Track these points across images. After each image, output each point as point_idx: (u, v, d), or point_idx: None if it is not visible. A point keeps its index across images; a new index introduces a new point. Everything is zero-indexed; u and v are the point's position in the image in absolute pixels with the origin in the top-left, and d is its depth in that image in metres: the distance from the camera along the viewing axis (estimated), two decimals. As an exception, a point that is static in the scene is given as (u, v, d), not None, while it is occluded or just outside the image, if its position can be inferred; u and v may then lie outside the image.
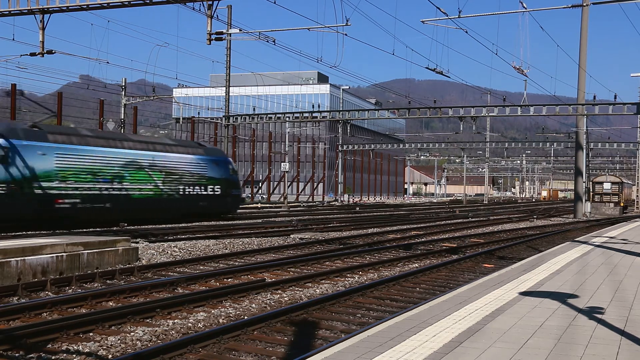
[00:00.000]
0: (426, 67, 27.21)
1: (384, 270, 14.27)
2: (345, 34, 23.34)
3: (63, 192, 23.11)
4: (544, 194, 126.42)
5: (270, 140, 69.26)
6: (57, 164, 22.94)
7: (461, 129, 38.47)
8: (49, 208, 22.63)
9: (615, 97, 37.63)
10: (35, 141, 22.41)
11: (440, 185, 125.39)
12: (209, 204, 30.63)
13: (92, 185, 24.31)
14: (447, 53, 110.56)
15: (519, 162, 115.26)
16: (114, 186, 25.30)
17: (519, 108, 35.13)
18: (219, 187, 31.11)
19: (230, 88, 42.74)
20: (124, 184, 25.80)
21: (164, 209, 28.03)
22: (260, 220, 31.05)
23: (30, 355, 6.87)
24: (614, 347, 5.56)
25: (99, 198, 24.62)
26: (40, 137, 22.77)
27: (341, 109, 60.99)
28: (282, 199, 53.23)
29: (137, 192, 26.49)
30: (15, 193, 21.43)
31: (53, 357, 6.83)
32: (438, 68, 27.19)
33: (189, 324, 8.51)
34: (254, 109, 68.64)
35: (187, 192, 29.09)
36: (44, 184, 22.39)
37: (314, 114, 43.21)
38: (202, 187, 30.04)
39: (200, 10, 18.63)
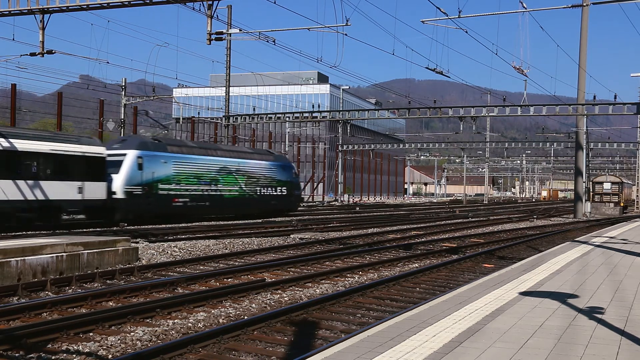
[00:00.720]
0: (426, 67, 27.21)
1: (384, 270, 14.27)
2: (345, 34, 23.34)
3: (178, 193, 28.41)
4: (544, 194, 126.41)
5: (270, 140, 69.26)
6: (174, 170, 28.26)
7: (461, 129, 38.47)
8: (168, 206, 27.92)
9: (615, 97, 37.64)
10: (159, 152, 27.71)
11: (440, 185, 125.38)
12: (278, 203, 36.02)
13: (197, 187, 29.63)
14: (447, 53, 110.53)
15: (519, 162, 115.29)
16: (211, 188, 30.61)
17: (519, 108, 35.13)
18: (285, 188, 36.61)
19: (230, 88, 42.74)
20: (219, 186, 31.16)
21: (246, 207, 33.35)
22: (260, 220, 31.07)
23: (30, 355, 6.87)
24: (614, 347, 5.56)
25: (201, 198, 29.86)
26: (162, 148, 28.26)
27: (341, 109, 60.99)
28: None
29: (228, 193, 31.84)
30: (148, 194, 26.68)
31: (53, 357, 6.83)
32: (438, 68, 27.18)
33: (189, 324, 8.51)
34: (254, 109, 68.63)
35: (262, 193, 34.56)
36: (165, 187, 27.72)
37: (314, 114, 43.20)
38: (273, 189, 35.52)
39: (200, 10, 18.63)
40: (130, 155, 26.24)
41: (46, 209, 22.74)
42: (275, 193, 35.68)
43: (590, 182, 51.09)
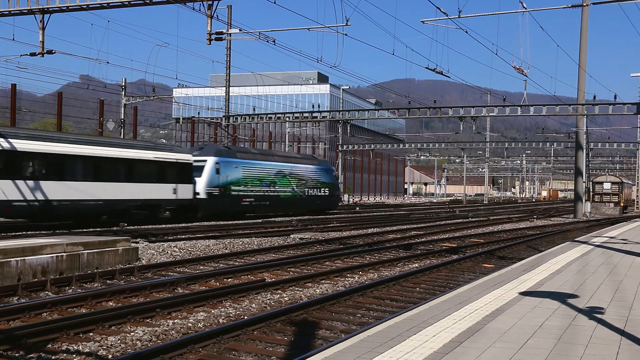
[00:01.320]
0: (426, 67, 27.19)
1: (384, 270, 14.27)
2: (345, 34, 23.32)
3: (245, 193, 33.08)
4: (544, 194, 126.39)
5: (270, 140, 69.24)
6: (242, 174, 32.86)
7: (461, 129, 38.46)
8: (238, 204, 32.63)
9: (615, 97, 37.62)
10: (231, 158, 32.38)
11: (440, 185, 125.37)
12: (321, 202, 40.70)
13: (260, 189, 34.25)
14: (447, 53, 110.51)
15: (519, 162, 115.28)
16: (270, 189, 35.23)
17: (519, 108, 35.13)
18: (327, 189, 41.31)
19: (230, 88, 42.71)
20: (276, 187, 35.74)
21: (297, 206, 38.12)
22: (260, 220, 31.08)
23: (30, 355, 6.87)
24: (614, 347, 5.56)
25: (263, 197, 34.58)
26: (233, 155, 32.96)
27: (341, 109, 61.00)
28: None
29: (283, 194, 36.47)
30: (223, 194, 31.22)
31: (53, 357, 6.83)
32: (438, 68, 27.17)
33: (189, 324, 8.51)
34: (254, 109, 68.62)
35: (309, 194, 39.21)
36: (236, 188, 32.27)
37: (314, 114, 43.18)
38: (318, 190, 40.21)
39: (200, 10, 18.62)
40: (210, 162, 30.65)
41: (151, 206, 27.39)
42: (319, 194, 40.46)
43: (590, 182, 51.08)
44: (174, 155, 28.93)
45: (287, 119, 40.85)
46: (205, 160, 30.50)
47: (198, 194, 29.74)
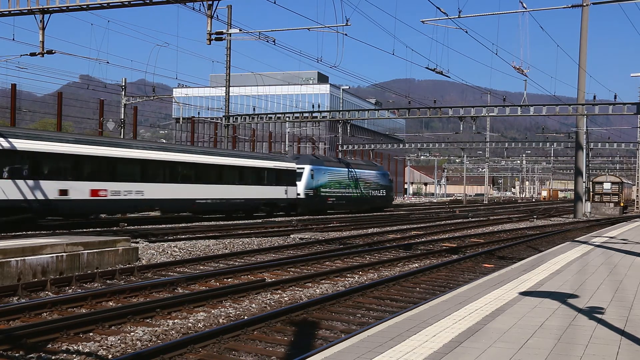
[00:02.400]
0: (426, 67, 27.18)
1: (384, 270, 14.27)
2: (345, 34, 23.31)
3: (330, 194, 40.76)
4: (544, 194, 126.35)
5: (270, 140, 69.24)
6: (328, 179, 40.54)
7: (461, 129, 38.46)
8: (325, 203, 40.41)
9: (615, 97, 37.59)
10: (320, 166, 40.33)
11: (440, 185, 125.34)
12: (380, 202, 48.91)
13: (339, 191, 41.91)
14: (447, 53, 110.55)
15: (519, 162, 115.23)
16: (346, 191, 42.95)
17: (519, 108, 35.12)
18: (384, 191, 49.46)
19: (230, 88, 42.70)
20: (350, 189, 43.47)
21: (363, 204, 45.70)
22: (260, 221, 31.08)
23: (30, 355, 6.87)
24: (614, 347, 5.56)
25: (341, 197, 42.30)
26: (321, 163, 40.89)
27: (341, 109, 60.97)
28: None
29: (354, 194, 44.16)
30: (315, 195, 39.31)
31: (53, 357, 6.83)
32: (438, 68, 27.16)
33: (189, 324, 8.51)
34: (254, 109, 68.63)
35: (372, 194, 47.10)
36: (324, 190, 40.08)
37: (314, 114, 43.19)
38: (377, 191, 48.09)
39: (200, 10, 18.61)
40: (307, 169, 38.55)
41: (272, 204, 35.40)
42: (379, 194, 48.43)
43: (590, 182, 51.07)
44: (285, 164, 36.67)
45: (287, 119, 40.84)
46: (303, 168, 38.33)
47: (299, 194, 37.42)
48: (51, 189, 22.63)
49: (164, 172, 28.15)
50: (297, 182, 37.20)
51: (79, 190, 23.62)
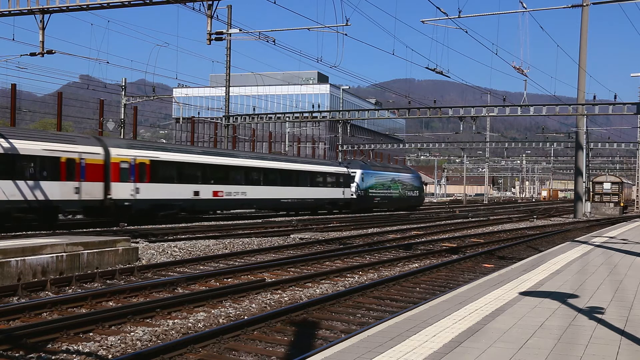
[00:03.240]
0: (426, 67, 27.17)
1: (384, 270, 14.27)
2: (345, 34, 23.28)
3: (375, 195, 46.89)
4: (544, 194, 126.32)
5: (270, 140, 69.23)
6: (374, 181, 46.81)
7: (461, 129, 38.45)
8: (372, 202, 46.66)
9: (615, 97, 37.58)
10: (369, 170, 46.49)
11: (440, 185, 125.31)
12: (414, 201, 54.91)
13: (383, 191, 48.18)
14: (447, 53, 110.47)
15: (519, 162, 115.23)
16: (388, 191, 49.09)
17: (519, 108, 35.11)
18: (417, 191, 55.88)
19: (230, 88, 42.69)
20: (390, 190, 49.67)
21: (401, 203, 51.34)
22: (260, 220, 31.08)
23: (30, 355, 6.87)
24: (614, 347, 5.56)
25: (384, 197, 48.36)
26: (369, 168, 47.06)
27: (341, 109, 60.94)
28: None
29: (394, 194, 50.35)
30: (365, 195, 45.21)
31: (53, 357, 6.83)
32: (438, 68, 27.14)
33: (189, 324, 8.51)
34: (254, 109, 68.56)
35: (408, 195, 53.39)
36: (371, 191, 46.17)
37: (314, 114, 43.18)
38: (412, 192, 54.50)
39: (200, 10, 18.60)
40: (359, 173, 44.68)
41: (334, 203, 42.18)
42: (413, 194, 54.70)
43: (590, 182, 51.06)
44: (342, 169, 43.82)
45: (287, 119, 40.84)
46: (355, 172, 44.57)
47: (352, 195, 43.68)
48: (189, 190, 29.54)
49: (260, 177, 35.02)
50: (351, 185, 43.90)
51: (206, 191, 30.51)
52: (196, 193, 29.66)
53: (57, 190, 23.10)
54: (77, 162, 24.16)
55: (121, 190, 25.70)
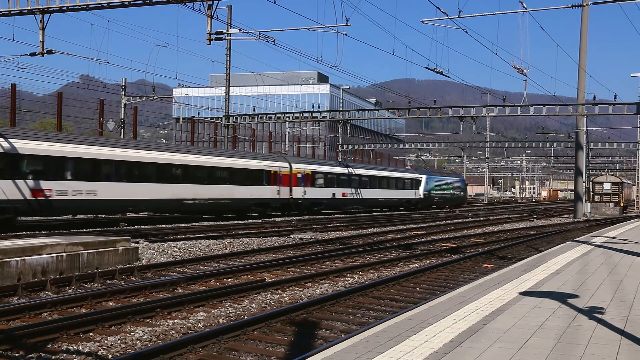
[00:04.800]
0: (426, 67, 27.18)
1: (384, 270, 14.27)
2: (345, 34, 23.30)
3: (435, 195, 57.33)
4: (544, 194, 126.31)
5: (270, 140, 69.21)
6: (434, 184, 57.13)
7: (461, 129, 38.45)
8: (433, 200, 56.82)
9: (615, 97, 37.57)
10: (430, 175, 57.15)
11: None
12: (460, 200, 65.21)
13: (440, 192, 58.97)
14: (447, 53, 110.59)
15: (519, 162, 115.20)
16: (443, 192, 59.81)
17: (519, 108, 35.11)
18: (462, 192, 66.96)
19: (230, 88, 42.69)
20: (445, 191, 60.62)
21: (450, 202, 61.12)
22: (260, 220, 31.08)
23: (30, 355, 6.86)
24: (614, 347, 5.56)
25: (440, 197, 58.94)
26: (430, 173, 58.18)
27: (341, 109, 60.95)
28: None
29: (447, 195, 61.05)
30: (429, 196, 55.74)
31: (53, 357, 6.83)
32: (438, 68, 27.16)
33: (189, 324, 8.51)
34: (254, 109, 68.54)
35: (456, 195, 63.85)
36: (433, 192, 56.66)
37: (314, 114, 43.17)
38: (459, 192, 64.96)
39: (200, 10, 18.61)
40: (424, 178, 55.29)
41: (408, 201, 52.76)
42: (460, 194, 65.24)
43: (590, 182, 51.05)
44: (416, 175, 54.82)
45: (287, 119, 40.84)
46: (422, 177, 55.23)
47: (420, 195, 54.47)
48: (330, 192, 41.34)
49: (368, 181, 45.77)
50: (419, 187, 54.62)
51: (338, 193, 42.10)
52: (333, 194, 41.54)
53: (269, 192, 35.36)
54: (278, 173, 36.08)
55: (298, 192, 37.76)
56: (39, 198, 22.26)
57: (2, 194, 21.10)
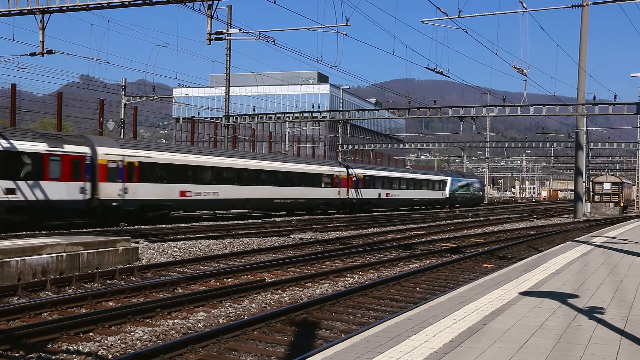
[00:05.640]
0: (426, 67, 27.17)
1: (384, 270, 14.27)
2: (345, 34, 23.28)
3: (458, 195, 63.95)
4: (544, 194, 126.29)
5: (270, 140, 69.21)
6: (457, 186, 63.90)
7: (461, 129, 38.45)
8: (456, 200, 63.11)
9: (615, 97, 37.56)
10: (453, 177, 64.13)
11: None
12: (478, 200, 72.44)
13: (460, 192, 64.95)
14: (447, 53, 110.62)
15: (519, 162, 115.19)
16: (463, 193, 65.70)
17: (519, 108, 35.11)
18: (481, 192, 74.24)
19: (230, 88, 42.67)
20: (466, 191, 66.89)
21: (469, 202, 67.67)
22: (260, 220, 31.07)
23: (30, 355, 6.87)
24: (614, 347, 5.56)
25: (461, 197, 65.06)
26: (453, 175, 65.82)
27: (341, 109, 60.95)
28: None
29: (467, 194, 67.24)
30: (453, 195, 62.73)
31: (53, 357, 6.83)
32: (438, 68, 27.15)
33: (189, 324, 8.51)
34: (254, 109, 68.51)
35: (475, 195, 70.54)
36: (456, 192, 63.51)
37: (314, 114, 43.16)
38: (477, 192, 71.98)
39: (200, 10, 18.61)
40: (449, 180, 61.88)
41: (436, 201, 59.09)
42: (478, 194, 72.37)
43: (590, 182, 51.04)
44: (443, 177, 61.73)
45: (287, 119, 40.83)
46: (447, 179, 61.93)
47: (446, 195, 61.17)
48: (377, 193, 47.97)
49: (406, 184, 53.21)
50: (445, 188, 61.26)
51: (382, 194, 48.83)
52: (379, 194, 48.14)
53: (333, 192, 42.22)
54: (339, 177, 42.94)
55: (353, 193, 44.52)
56: (183, 198, 29.35)
57: (163, 194, 27.96)
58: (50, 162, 22.95)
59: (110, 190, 25.25)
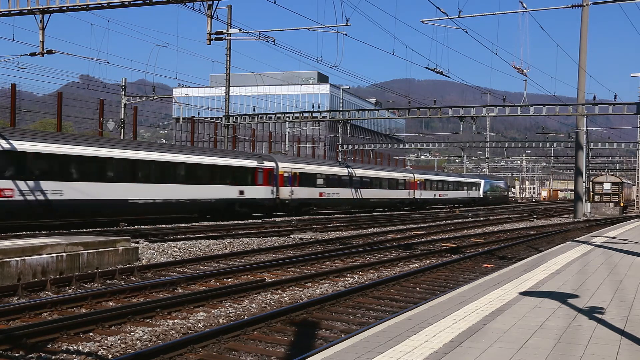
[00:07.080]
0: (426, 67, 27.17)
1: (384, 270, 14.27)
2: (345, 34, 23.28)
3: (490, 195, 77.05)
4: (544, 194, 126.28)
5: (270, 140, 69.21)
6: (489, 186, 76.21)
7: (461, 129, 38.45)
8: (488, 199, 74.86)
9: (615, 97, 37.57)
10: (485, 179, 76.39)
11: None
12: (503, 199, 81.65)
13: (492, 192, 76.67)
14: (447, 53, 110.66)
15: (519, 162, 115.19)
16: (494, 192, 77.57)
17: (519, 108, 35.10)
18: (506, 192, 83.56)
19: (230, 88, 42.67)
20: (495, 192, 77.90)
21: (495, 202, 76.07)
22: (260, 220, 31.08)
23: (30, 355, 6.87)
24: (614, 347, 5.56)
25: (493, 196, 77.01)
26: (485, 177, 79.77)
27: (341, 109, 60.94)
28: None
29: (496, 194, 78.42)
30: (486, 195, 74.11)
31: (53, 357, 6.83)
32: (438, 68, 27.14)
33: (189, 324, 8.51)
34: (254, 109, 68.50)
35: (501, 194, 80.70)
36: (488, 192, 75.54)
37: (314, 114, 43.14)
38: (504, 192, 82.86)
39: (200, 10, 18.61)
40: (482, 182, 72.16)
41: (469, 201, 68.79)
42: (504, 194, 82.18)
43: (590, 182, 51.04)
44: (478, 180, 71.51)
45: (287, 119, 40.83)
46: (480, 181, 71.86)
47: (479, 195, 70.72)
48: (433, 194, 57.70)
49: (446, 185, 61.70)
50: (479, 189, 71.47)
51: (426, 195, 56.97)
52: (434, 195, 58.47)
53: (404, 193, 52.44)
54: (410, 180, 53.18)
55: (418, 194, 54.93)
56: (321, 198, 40.75)
57: (310, 195, 38.24)
58: (258, 173, 34.12)
59: (285, 192, 36.50)
